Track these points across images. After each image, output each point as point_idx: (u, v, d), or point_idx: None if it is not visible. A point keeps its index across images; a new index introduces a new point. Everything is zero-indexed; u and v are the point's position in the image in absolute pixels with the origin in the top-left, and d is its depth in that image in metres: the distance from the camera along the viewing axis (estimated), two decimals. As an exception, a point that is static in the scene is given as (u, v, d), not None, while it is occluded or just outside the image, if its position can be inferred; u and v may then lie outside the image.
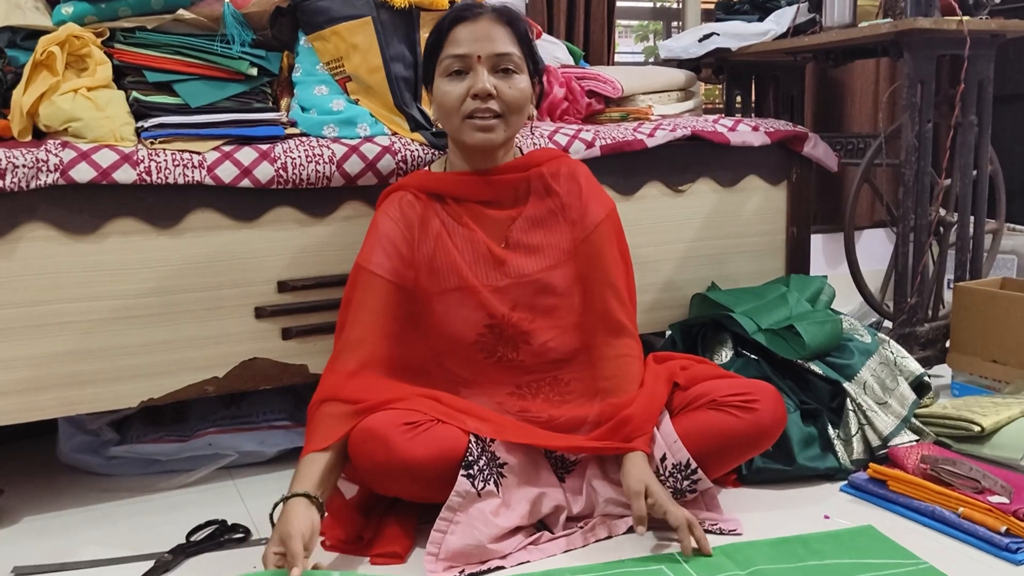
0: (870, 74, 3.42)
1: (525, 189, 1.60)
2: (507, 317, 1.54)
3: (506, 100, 1.50)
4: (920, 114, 2.12)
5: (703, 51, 2.58)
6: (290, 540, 1.21)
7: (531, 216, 1.59)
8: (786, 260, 2.24)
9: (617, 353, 1.56)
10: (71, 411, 1.57)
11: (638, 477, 1.38)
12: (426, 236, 1.55)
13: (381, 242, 1.53)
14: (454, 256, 1.54)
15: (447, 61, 1.51)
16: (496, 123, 1.50)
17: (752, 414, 1.46)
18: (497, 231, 1.58)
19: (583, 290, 1.59)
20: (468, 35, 1.49)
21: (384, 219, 1.55)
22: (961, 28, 2.04)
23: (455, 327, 1.54)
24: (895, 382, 1.79)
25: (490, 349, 1.55)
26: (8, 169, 1.44)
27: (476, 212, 1.58)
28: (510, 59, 1.50)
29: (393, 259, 1.53)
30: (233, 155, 1.62)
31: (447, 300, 1.54)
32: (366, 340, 1.48)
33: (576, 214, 1.60)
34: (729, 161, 2.12)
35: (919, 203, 2.16)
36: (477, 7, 1.52)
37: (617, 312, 1.58)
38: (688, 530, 1.34)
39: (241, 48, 1.71)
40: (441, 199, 1.58)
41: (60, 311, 1.52)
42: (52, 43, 1.57)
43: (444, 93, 1.51)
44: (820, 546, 1.38)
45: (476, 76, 1.48)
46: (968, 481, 1.47)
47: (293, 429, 1.85)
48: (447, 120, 1.54)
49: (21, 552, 1.45)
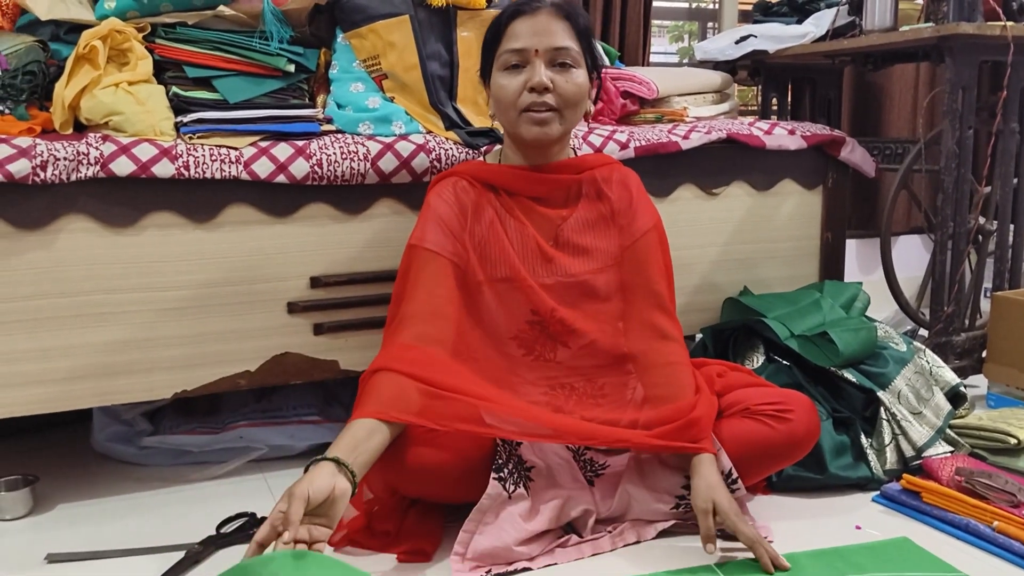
0: (909, 79, 3.37)
1: (577, 191, 1.60)
2: (551, 314, 1.53)
3: (562, 94, 1.49)
4: (961, 120, 2.09)
5: (740, 53, 2.56)
6: (291, 500, 1.11)
7: (582, 218, 1.59)
8: (820, 266, 2.21)
9: (667, 360, 1.55)
10: (106, 401, 1.59)
11: (705, 495, 1.35)
12: (479, 223, 1.55)
13: (437, 222, 1.52)
14: (505, 246, 1.54)
15: (505, 55, 1.50)
16: (552, 116, 1.50)
17: (786, 424, 1.45)
18: (547, 229, 1.58)
19: (627, 298, 1.58)
20: (526, 29, 1.49)
21: (438, 201, 1.55)
22: (1005, 34, 2.01)
23: (498, 319, 1.53)
24: (930, 392, 1.76)
25: (529, 346, 1.54)
26: (50, 161, 1.46)
27: (527, 207, 1.58)
28: (568, 53, 1.49)
29: (449, 238, 1.51)
30: (269, 151, 1.63)
31: (494, 290, 1.53)
32: (424, 315, 1.46)
33: (625, 220, 1.60)
34: (764, 165, 2.10)
35: (958, 210, 2.13)
36: (536, 1, 1.52)
37: (663, 320, 1.57)
38: (761, 548, 1.32)
39: (279, 45, 1.72)
40: (494, 190, 1.57)
41: (97, 302, 1.54)
42: (94, 37, 1.59)
43: (501, 87, 1.51)
44: (857, 558, 1.36)
45: (533, 69, 1.48)
46: (1004, 495, 1.45)
47: (323, 424, 1.86)
48: (504, 114, 1.54)
49: (55, 539, 1.48)
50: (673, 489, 1.45)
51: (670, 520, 1.45)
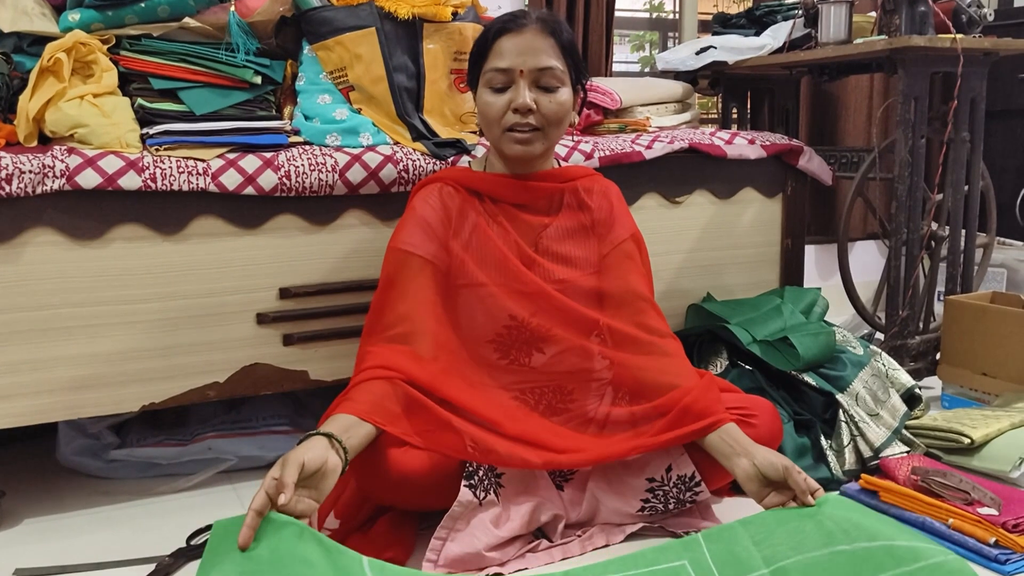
0: (864, 89, 3.46)
1: (559, 200, 1.62)
2: (529, 319, 1.55)
3: (545, 114, 1.51)
4: (914, 130, 2.15)
5: (700, 64, 2.61)
6: (286, 465, 1.12)
7: (563, 226, 1.62)
8: (780, 272, 2.26)
9: (664, 351, 1.55)
10: (74, 415, 1.58)
11: (769, 462, 1.32)
12: (463, 227, 1.56)
13: (421, 225, 1.54)
14: (487, 251, 1.56)
15: (490, 74, 1.52)
16: (535, 135, 1.52)
17: (750, 428, 1.47)
18: (529, 235, 1.60)
19: (611, 304, 1.60)
20: (512, 48, 1.50)
21: (423, 205, 1.56)
22: (955, 46, 2.07)
23: (476, 322, 1.55)
24: (887, 394, 1.82)
25: (505, 350, 1.56)
26: (15, 174, 1.45)
27: (511, 214, 1.60)
28: (552, 73, 1.51)
29: (433, 242, 1.53)
30: (237, 163, 1.63)
31: (474, 293, 1.55)
32: (405, 318, 1.47)
33: (604, 229, 1.63)
34: (725, 173, 2.14)
35: (911, 217, 2.19)
36: (523, 17, 1.53)
37: (653, 317, 1.59)
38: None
39: (246, 56, 1.72)
40: (479, 196, 1.59)
41: (64, 316, 1.54)
42: (59, 49, 1.58)
43: (486, 104, 1.53)
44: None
45: (517, 90, 1.50)
46: (958, 493, 1.50)
47: (293, 434, 1.86)
48: (488, 130, 1.56)
49: (23, 554, 1.46)
50: (637, 492, 1.47)
51: (638, 523, 1.48)
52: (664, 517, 1.50)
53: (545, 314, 1.56)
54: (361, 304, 1.73)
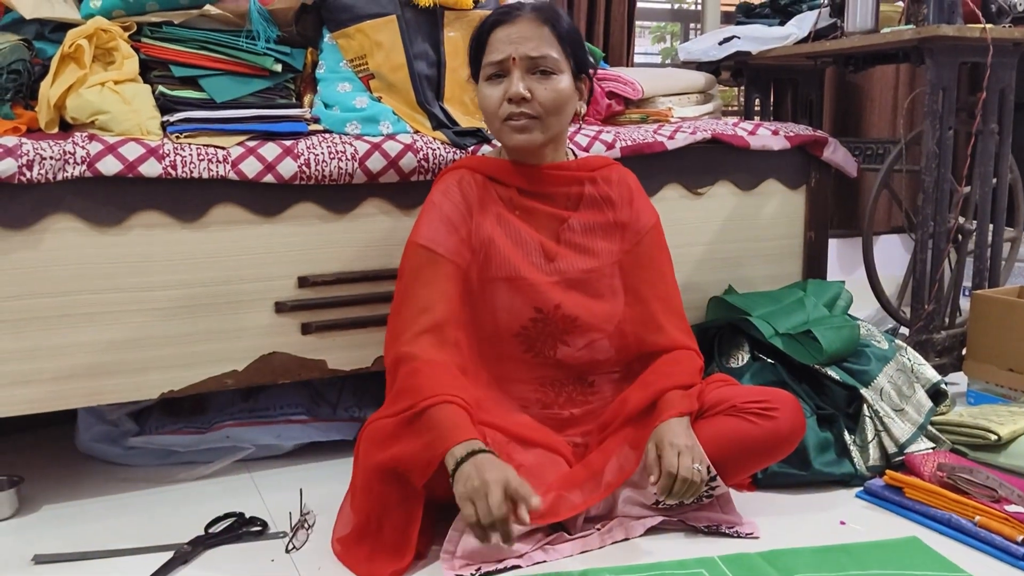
0: (890, 80, 3.41)
1: (579, 190, 1.60)
2: (554, 311, 1.54)
3: (542, 102, 1.49)
4: (941, 121, 2.12)
5: (723, 54, 2.58)
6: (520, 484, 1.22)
7: (585, 218, 1.60)
8: (803, 265, 2.23)
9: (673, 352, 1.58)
10: (93, 401, 1.58)
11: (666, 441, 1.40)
12: (484, 218, 1.54)
13: (442, 220, 1.51)
14: (509, 243, 1.54)
15: (486, 67, 1.51)
16: (532, 124, 1.50)
17: (771, 422, 1.46)
18: (550, 227, 1.58)
19: (635, 300, 1.59)
20: (505, 38, 1.49)
21: (443, 198, 1.54)
22: (984, 36, 2.04)
23: (500, 316, 1.53)
24: (912, 389, 1.79)
25: (530, 343, 1.55)
26: (36, 161, 1.45)
27: (531, 205, 1.58)
28: (546, 61, 1.49)
29: (453, 238, 1.51)
30: (257, 150, 1.63)
31: (497, 287, 1.53)
32: (434, 316, 1.44)
33: (626, 219, 1.61)
34: (748, 165, 2.12)
35: (938, 210, 2.16)
36: (516, 8, 1.52)
37: (671, 324, 1.59)
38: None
39: (266, 44, 1.72)
40: (500, 186, 1.58)
41: (84, 302, 1.54)
42: (80, 36, 1.58)
43: (484, 97, 1.52)
44: (864, 556, 1.37)
45: (511, 80, 1.48)
46: (985, 490, 1.47)
47: (310, 423, 1.86)
48: (489, 123, 1.55)
49: (41, 540, 1.47)
50: (653, 485, 1.46)
51: (657, 517, 1.47)
52: (683, 511, 1.48)
53: (571, 305, 1.55)
54: (379, 294, 1.73)
